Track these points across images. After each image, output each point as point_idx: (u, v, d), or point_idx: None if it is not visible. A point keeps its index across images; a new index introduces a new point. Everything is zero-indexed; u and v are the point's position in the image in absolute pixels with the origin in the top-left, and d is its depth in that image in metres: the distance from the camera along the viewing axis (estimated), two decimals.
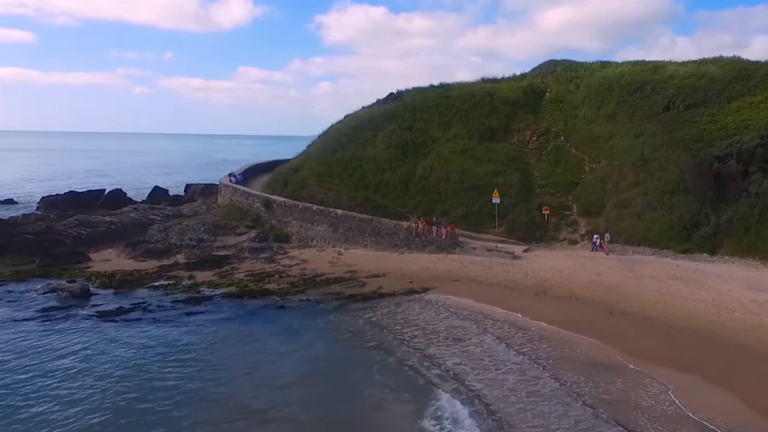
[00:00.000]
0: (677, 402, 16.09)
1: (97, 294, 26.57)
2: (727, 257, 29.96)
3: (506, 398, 16.67)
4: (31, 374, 18.24)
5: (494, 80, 53.81)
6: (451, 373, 18.46)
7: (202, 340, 21.34)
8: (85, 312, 23.87)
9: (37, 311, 23.83)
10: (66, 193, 56.15)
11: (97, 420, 15.60)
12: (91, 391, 17.15)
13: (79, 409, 16.10)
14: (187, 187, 63.61)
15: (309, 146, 51.25)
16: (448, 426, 15.27)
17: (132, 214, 40.82)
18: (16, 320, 22.88)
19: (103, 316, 23.39)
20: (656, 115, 41.13)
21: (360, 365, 19.50)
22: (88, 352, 19.96)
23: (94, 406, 16.26)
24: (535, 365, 18.86)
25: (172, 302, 25.38)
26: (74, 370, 18.57)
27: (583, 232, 35.91)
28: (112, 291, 27.15)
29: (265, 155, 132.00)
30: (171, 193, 61.23)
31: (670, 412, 15.57)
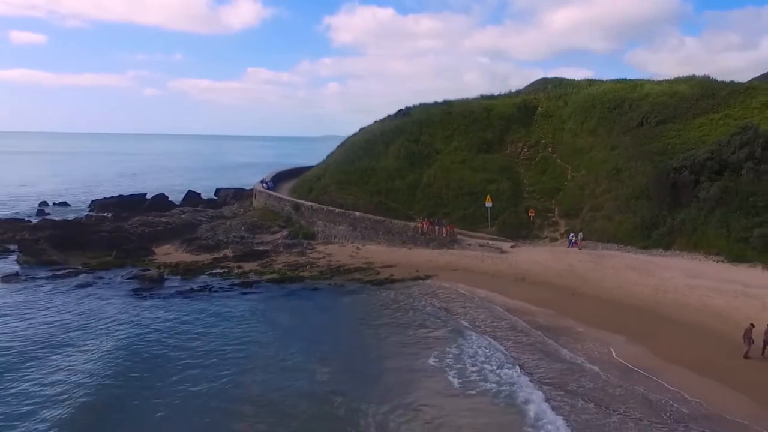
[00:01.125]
0: (611, 352, 22.37)
1: (169, 279, 33.22)
2: (678, 252, 34.62)
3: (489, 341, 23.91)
4: (180, 323, 25.68)
5: (492, 97, 59.36)
6: (454, 326, 25.78)
7: (263, 309, 28.35)
8: (167, 292, 30.62)
9: (129, 291, 30.56)
10: (113, 197, 62.64)
11: (238, 354, 22.87)
12: (225, 337, 24.45)
13: (227, 343, 23.77)
14: (218, 191, 69.63)
15: (329, 156, 57.49)
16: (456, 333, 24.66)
17: (183, 216, 47.49)
18: (119, 296, 29.64)
19: (182, 294, 30.14)
20: (631, 130, 45.78)
21: (385, 317, 27.26)
22: (202, 313, 27.27)
23: (232, 340, 24.04)
24: (504, 325, 25.62)
25: (229, 285, 32.02)
26: (201, 324, 25.81)
27: (562, 231, 41.05)
28: (179, 277, 33.59)
29: (280, 158, 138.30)
30: (203, 197, 66.22)
31: (597, 355, 22.10)
